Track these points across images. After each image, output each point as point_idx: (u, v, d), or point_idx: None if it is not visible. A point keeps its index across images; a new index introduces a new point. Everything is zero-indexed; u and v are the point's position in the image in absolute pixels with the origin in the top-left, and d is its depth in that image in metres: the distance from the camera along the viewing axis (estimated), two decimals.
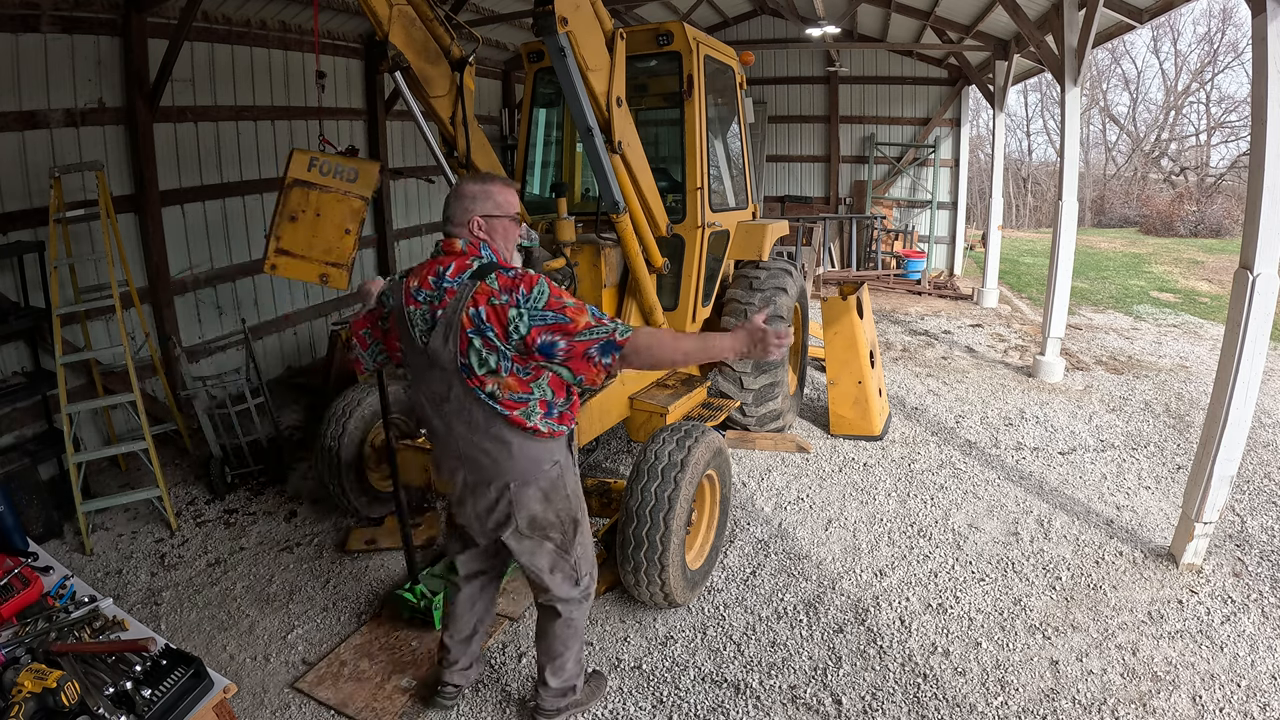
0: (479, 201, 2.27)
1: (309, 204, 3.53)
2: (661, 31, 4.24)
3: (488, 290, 2.13)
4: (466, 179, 2.33)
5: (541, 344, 2.09)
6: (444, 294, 2.20)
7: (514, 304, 2.10)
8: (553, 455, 2.35)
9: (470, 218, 2.25)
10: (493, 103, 9.88)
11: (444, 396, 2.26)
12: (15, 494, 3.98)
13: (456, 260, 2.24)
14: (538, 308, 2.10)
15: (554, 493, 2.38)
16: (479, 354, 2.15)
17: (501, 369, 2.16)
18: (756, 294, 4.87)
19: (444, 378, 2.24)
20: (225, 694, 1.86)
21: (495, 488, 2.32)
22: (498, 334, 2.12)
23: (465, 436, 2.29)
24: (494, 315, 2.11)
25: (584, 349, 2.09)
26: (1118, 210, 23.68)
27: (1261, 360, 3.41)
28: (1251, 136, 3.30)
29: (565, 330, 2.09)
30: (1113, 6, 5.90)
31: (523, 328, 2.09)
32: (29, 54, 4.45)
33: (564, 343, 2.09)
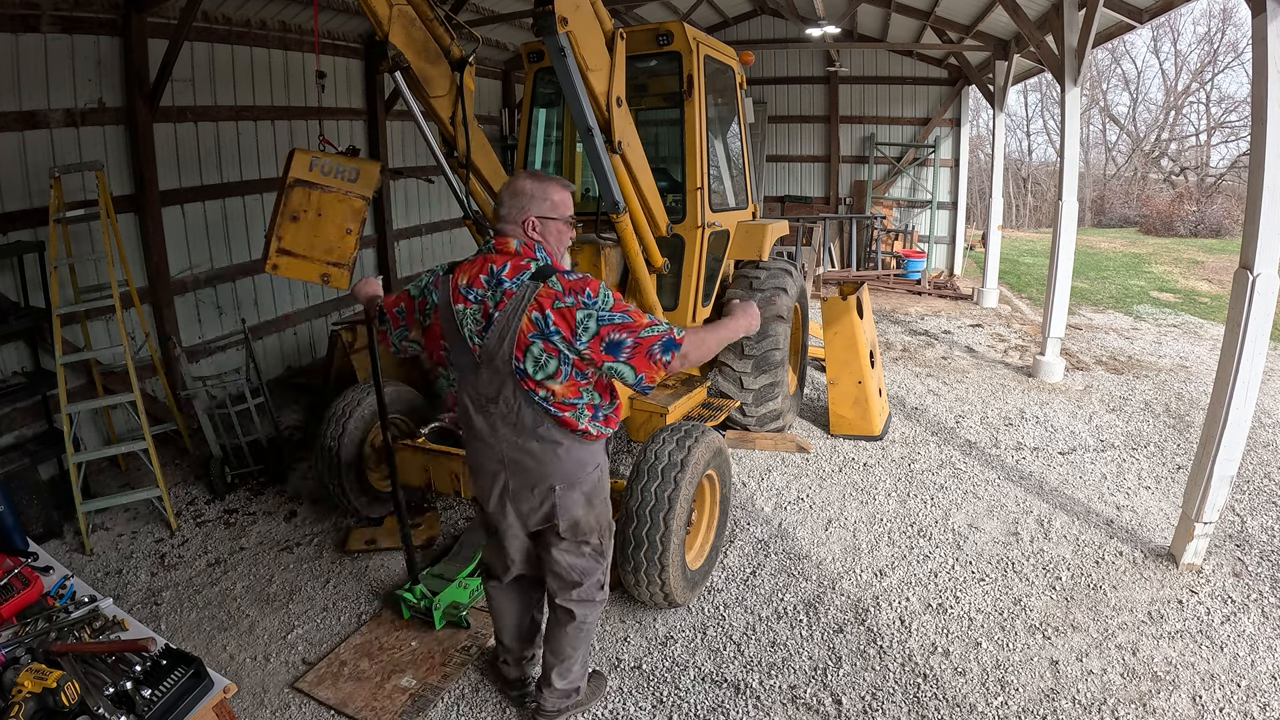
0: (535, 201, 2.24)
1: (310, 204, 3.53)
2: (661, 31, 4.24)
3: (552, 293, 2.12)
4: (524, 176, 2.30)
5: (610, 342, 2.11)
6: (502, 295, 2.18)
7: (581, 305, 2.11)
8: (596, 458, 2.37)
9: (525, 217, 2.23)
10: (493, 103, 9.88)
11: (493, 397, 2.25)
12: (15, 494, 3.98)
13: (512, 260, 2.21)
14: (606, 309, 2.12)
15: (596, 496, 2.40)
16: (536, 359, 2.15)
17: (560, 374, 2.17)
18: (756, 294, 4.86)
19: (495, 379, 2.22)
20: (225, 694, 1.86)
21: (540, 491, 2.33)
22: (565, 337, 2.12)
23: (511, 439, 2.28)
24: (561, 319, 2.12)
25: (648, 345, 2.11)
26: (1118, 210, 23.68)
27: (1261, 360, 3.41)
28: (1251, 136, 3.30)
29: (631, 329, 2.12)
30: (1113, 6, 5.90)
31: (593, 326, 2.10)
32: (29, 54, 4.45)
33: (630, 340, 2.11)
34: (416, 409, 4.34)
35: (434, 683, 2.98)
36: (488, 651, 3.16)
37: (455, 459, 3.41)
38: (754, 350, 4.82)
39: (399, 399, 4.26)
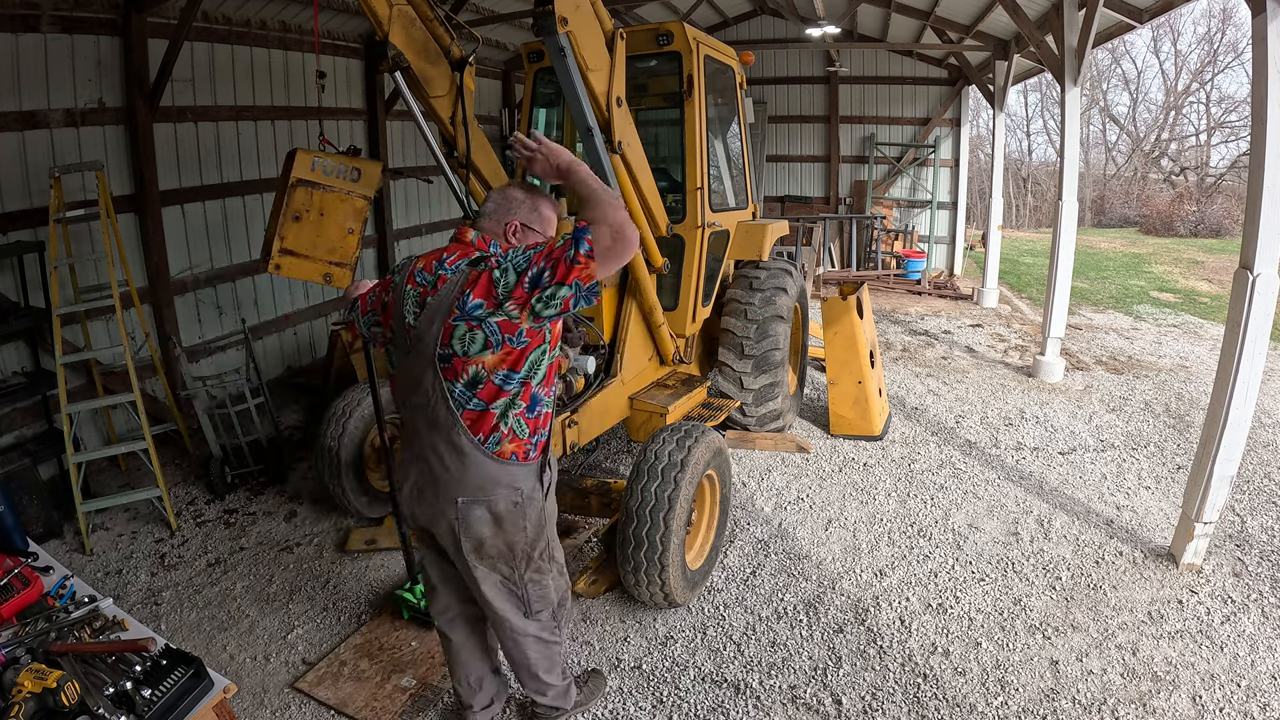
0: (523, 209, 2.21)
1: (313, 204, 3.53)
2: (661, 31, 4.24)
3: (477, 275, 2.04)
4: (518, 184, 2.27)
5: (531, 278, 1.96)
6: (439, 279, 2.12)
7: (495, 266, 2.01)
8: (513, 480, 2.18)
9: (511, 220, 2.19)
10: (493, 103, 9.88)
11: (415, 386, 2.15)
12: (15, 494, 3.98)
13: (462, 250, 2.17)
14: (520, 255, 2.01)
15: (508, 521, 2.20)
16: (463, 340, 2.04)
17: (491, 345, 2.03)
18: (756, 294, 4.86)
19: (419, 365, 2.13)
20: (225, 694, 1.86)
21: (443, 499, 2.17)
22: (487, 306, 2.00)
23: (425, 435, 2.17)
24: (482, 286, 2.01)
25: (563, 253, 1.94)
26: (1118, 210, 23.68)
27: (1261, 360, 3.41)
28: (1251, 136, 3.30)
29: (545, 254, 1.98)
30: (1113, 6, 5.90)
31: (510, 277, 1.98)
32: (29, 54, 4.45)
33: (545, 262, 1.96)
34: None
35: (434, 683, 2.98)
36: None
37: None
38: (754, 350, 4.82)
39: None
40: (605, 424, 4.15)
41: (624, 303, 4.24)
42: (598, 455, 5.16)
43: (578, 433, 3.83)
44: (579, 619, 3.40)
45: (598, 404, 3.99)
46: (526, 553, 2.28)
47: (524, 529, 2.23)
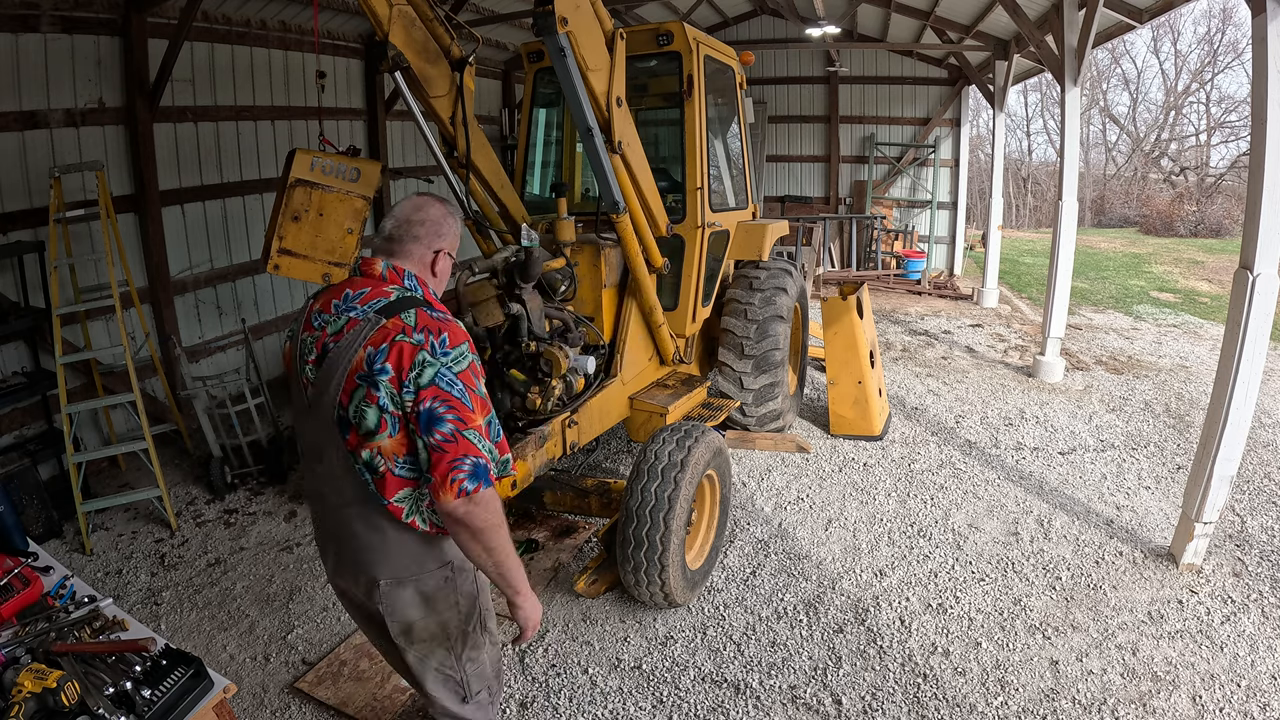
0: (450, 236, 1.92)
1: (312, 204, 3.53)
2: (661, 31, 4.24)
3: (400, 325, 1.70)
4: (435, 201, 1.94)
5: (429, 409, 1.65)
6: (344, 324, 1.77)
7: (427, 348, 1.68)
8: (441, 555, 1.90)
9: (441, 248, 1.90)
10: (493, 103, 9.88)
11: (318, 454, 1.84)
12: (15, 494, 3.99)
13: (374, 286, 1.81)
14: (451, 370, 1.68)
15: (439, 599, 1.93)
16: (357, 407, 1.70)
17: (385, 427, 1.70)
18: (756, 294, 4.87)
19: (319, 429, 1.80)
20: (225, 694, 1.86)
21: (364, 582, 1.88)
22: (391, 380, 1.66)
23: (335, 510, 1.87)
24: (396, 355, 1.67)
25: (463, 452, 1.65)
26: (1118, 210, 23.68)
27: (1261, 360, 3.41)
28: (1251, 136, 3.30)
29: (461, 415, 1.67)
30: (1113, 6, 5.90)
31: (426, 377, 1.66)
32: (29, 54, 4.45)
33: (450, 428, 1.65)
34: None
35: None
36: None
37: None
38: (754, 350, 4.82)
39: None
40: (605, 424, 4.15)
41: (624, 303, 4.24)
42: (598, 455, 5.16)
43: (578, 433, 3.83)
44: (579, 619, 3.40)
45: (598, 404, 3.99)
46: (461, 630, 2.01)
47: (457, 605, 1.97)
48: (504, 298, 3.78)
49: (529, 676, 3.05)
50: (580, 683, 3.01)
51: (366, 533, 1.83)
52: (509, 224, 4.00)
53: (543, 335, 3.76)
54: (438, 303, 1.86)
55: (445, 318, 1.76)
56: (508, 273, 3.70)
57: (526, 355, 3.72)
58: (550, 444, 3.63)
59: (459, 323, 1.78)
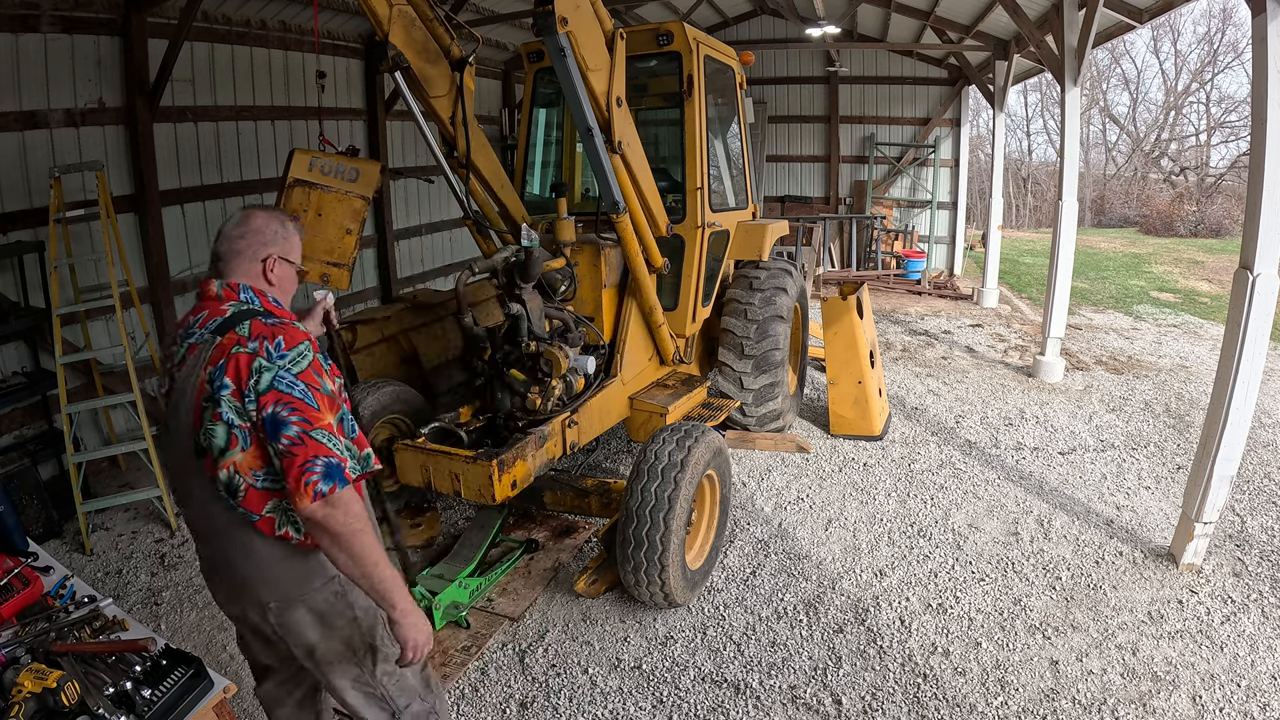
0: (279, 240, 1.86)
1: (310, 204, 3.54)
2: (661, 31, 4.24)
3: (234, 339, 1.67)
4: (260, 211, 1.89)
5: (273, 414, 1.61)
6: (185, 350, 1.73)
7: (263, 354, 1.65)
8: (325, 570, 1.83)
9: (269, 254, 1.84)
10: (493, 103, 9.88)
11: (183, 480, 1.78)
12: (15, 494, 3.99)
13: (210, 307, 1.77)
14: (290, 371, 1.65)
15: (333, 616, 1.86)
16: (207, 429, 1.66)
17: (236, 442, 1.65)
18: (756, 294, 4.86)
19: (179, 461, 1.76)
20: (225, 694, 1.86)
21: (254, 610, 1.82)
22: (234, 392, 1.63)
23: (210, 541, 1.82)
24: (233, 368, 1.64)
25: (313, 454, 1.61)
26: (1118, 210, 23.68)
27: (1261, 360, 3.41)
28: (1251, 136, 3.30)
29: (306, 416, 1.63)
30: (1113, 6, 5.90)
31: (265, 382, 1.62)
32: (29, 54, 4.45)
33: (297, 430, 1.61)
34: (417, 409, 4.33)
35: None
36: (486, 651, 3.17)
37: (455, 459, 3.41)
38: (754, 350, 4.82)
39: (399, 399, 4.26)
40: (605, 424, 4.15)
41: (624, 303, 4.24)
42: (598, 455, 5.17)
43: (577, 433, 3.83)
44: (579, 619, 3.40)
45: (597, 404, 3.99)
46: (367, 645, 1.93)
47: (355, 620, 1.90)
48: (504, 298, 3.78)
49: (529, 676, 3.05)
50: (580, 683, 3.01)
51: (244, 558, 1.77)
52: (509, 224, 4.00)
53: (543, 335, 3.76)
54: (280, 309, 1.84)
55: (280, 322, 1.73)
56: (508, 273, 3.70)
57: (526, 355, 3.72)
58: (550, 444, 3.63)
59: (298, 325, 1.77)
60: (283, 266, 1.87)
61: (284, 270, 1.88)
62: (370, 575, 1.69)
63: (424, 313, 5.45)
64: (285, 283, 1.90)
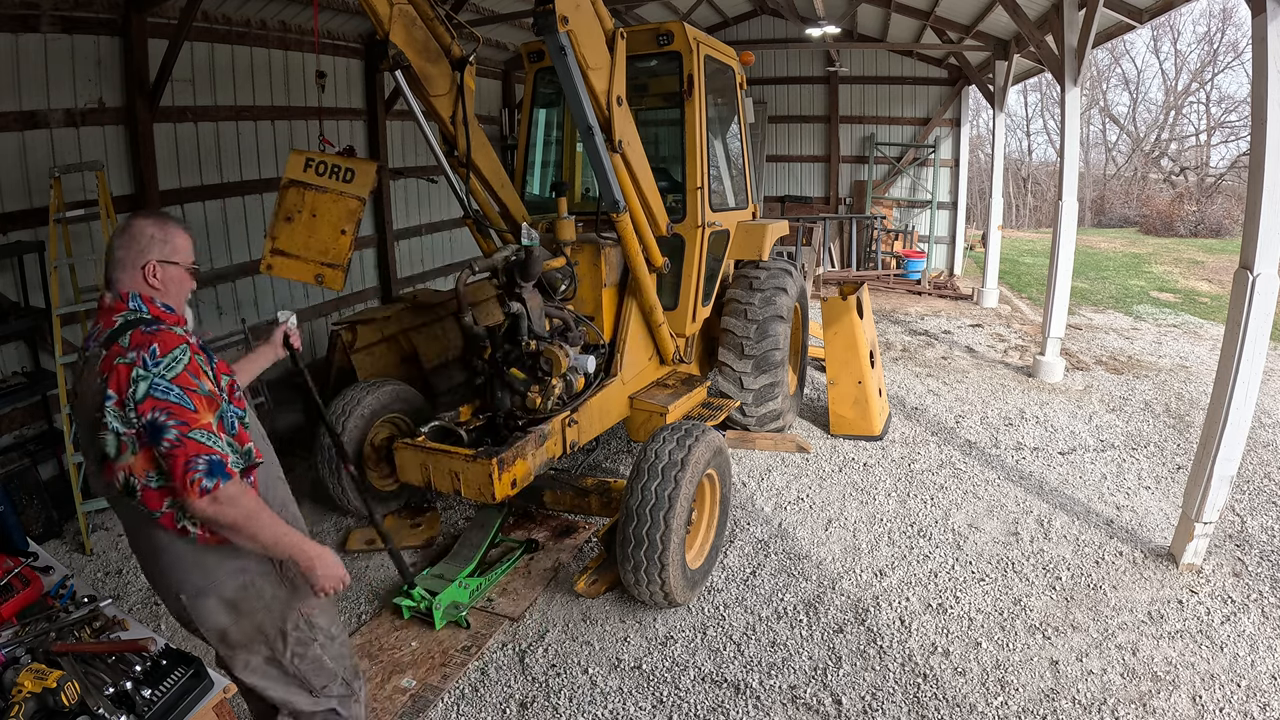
0: (156, 244, 1.89)
1: (305, 204, 3.53)
2: (662, 31, 4.24)
3: (117, 350, 1.75)
4: (141, 218, 1.95)
5: (151, 421, 1.70)
6: (84, 365, 1.84)
7: (140, 364, 1.72)
8: (235, 560, 1.92)
9: (146, 261, 1.87)
10: (493, 103, 9.88)
11: (106, 494, 1.88)
12: (15, 494, 3.99)
13: (104, 319, 1.84)
14: (165, 377, 1.73)
15: (244, 603, 1.94)
16: (99, 437, 1.75)
17: (126, 449, 1.74)
18: (756, 294, 4.86)
19: (96, 472, 1.84)
20: (225, 694, 1.86)
21: (172, 599, 1.93)
22: (115, 404, 1.71)
23: (131, 537, 1.96)
24: (115, 378, 1.72)
25: (193, 453, 1.70)
26: (1118, 210, 23.68)
27: (1261, 360, 3.41)
28: (1251, 136, 3.30)
29: (182, 418, 1.71)
30: (1113, 6, 5.90)
31: (140, 392, 1.70)
32: (29, 54, 4.45)
33: (175, 433, 1.70)
34: (417, 408, 4.34)
35: (434, 683, 2.98)
36: (486, 651, 3.16)
37: (455, 458, 3.41)
38: (754, 350, 4.82)
39: (399, 397, 4.26)
40: (605, 423, 4.15)
41: (624, 302, 4.25)
42: (597, 455, 5.16)
43: (577, 432, 3.83)
44: (579, 619, 3.40)
45: (597, 403, 3.99)
46: (279, 630, 2.01)
47: (268, 607, 1.98)
48: (504, 297, 3.78)
49: (529, 676, 3.05)
50: (580, 683, 3.01)
51: (155, 553, 1.88)
52: (509, 223, 4.00)
53: (543, 334, 3.76)
54: (169, 313, 1.90)
55: (158, 329, 1.80)
56: (508, 272, 3.70)
57: (527, 354, 3.72)
58: (550, 443, 3.63)
59: (174, 330, 1.82)
60: (165, 270, 1.91)
61: (167, 273, 1.91)
62: (273, 547, 1.85)
63: (424, 313, 5.45)
64: (172, 284, 1.93)
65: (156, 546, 1.87)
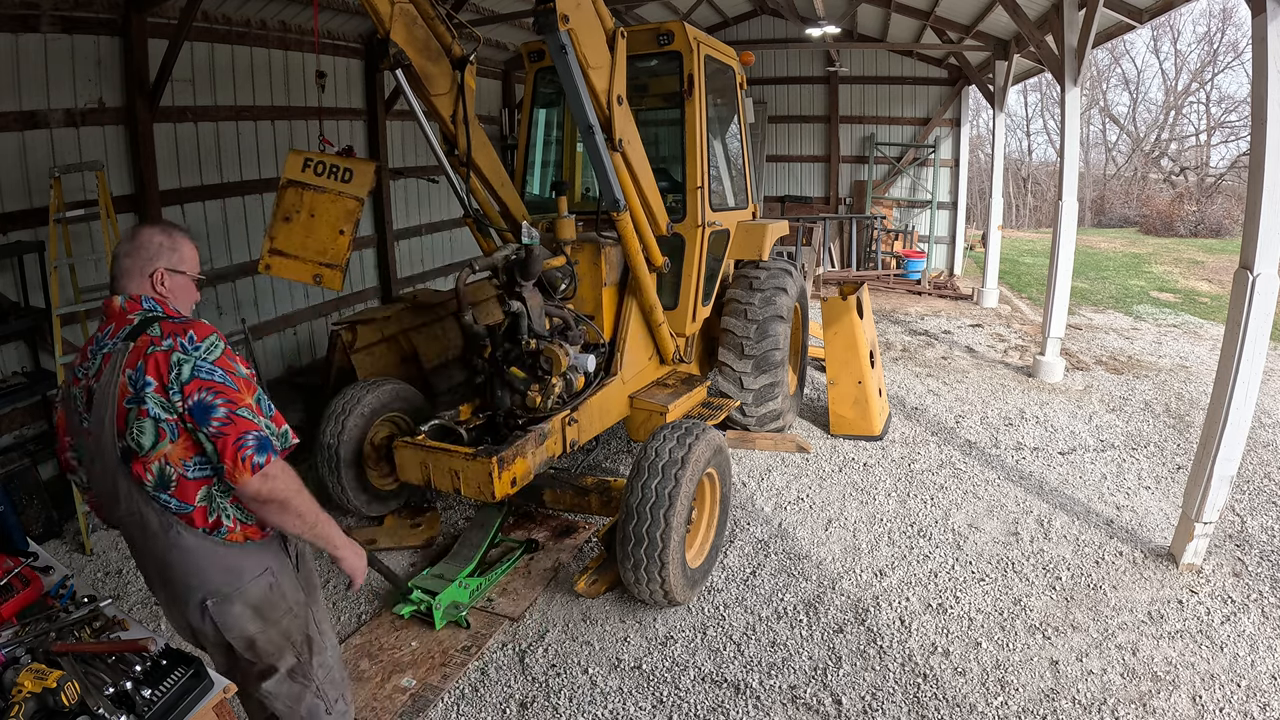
0: (164, 253, 1.93)
1: (303, 204, 3.53)
2: (662, 31, 4.25)
3: (148, 340, 1.77)
4: (150, 227, 1.99)
5: (199, 401, 1.72)
6: (100, 361, 1.82)
7: (179, 349, 1.75)
8: (260, 562, 1.94)
9: (154, 269, 1.91)
10: (493, 103, 9.88)
11: (114, 497, 1.84)
12: (15, 494, 3.99)
13: (117, 320, 1.87)
14: (207, 360, 1.76)
15: (269, 608, 1.96)
16: (135, 429, 1.76)
17: (165, 435, 1.76)
18: (756, 294, 4.86)
19: (108, 474, 1.82)
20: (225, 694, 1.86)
21: (193, 608, 1.91)
22: (157, 389, 1.73)
23: (146, 546, 1.91)
24: (153, 366, 1.74)
25: (244, 430, 1.73)
26: (1118, 210, 23.68)
27: (1261, 360, 3.41)
28: (1251, 136, 3.30)
29: (229, 397, 1.75)
30: (1113, 6, 5.90)
31: (186, 373, 1.73)
32: (29, 54, 4.45)
33: (224, 410, 1.73)
34: (417, 407, 4.34)
35: (434, 683, 2.98)
36: (486, 651, 3.16)
37: (455, 456, 3.42)
38: (754, 350, 4.82)
39: (399, 397, 4.26)
40: (605, 423, 4.15)
41: (624, 301, 4.25)
42: (597, 455, 5.16)
43: (577, 431, 3.83)
44: (579, 619, 3.40)
45: (598, 402, 3.99)
46: (304, 634, 2.04)
47: (291, 610, 2.00)
48: (504, 296, 3.78)
49: (529, 676, 3.05)
50: (580, 683, 3.01)
51: (180, 556, 1.87)
52: (509, 222, 4.00)
53: (543, 333, 3.76)
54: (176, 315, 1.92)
55: (187, 319, 1.87)
56: (508, 271, 3.70)
57: (527, 353, 3.73)
58: (550, 442, 3.64)
59: (202, 320, 1.87)
60: (172, 278, 1.95)
61: (175, 281, 1.96)
62: (315, 527, 1.89)
63: (424, 313, 5.45)
64: (179, 292, 1.98)
65: (180, 549, 1.85)
